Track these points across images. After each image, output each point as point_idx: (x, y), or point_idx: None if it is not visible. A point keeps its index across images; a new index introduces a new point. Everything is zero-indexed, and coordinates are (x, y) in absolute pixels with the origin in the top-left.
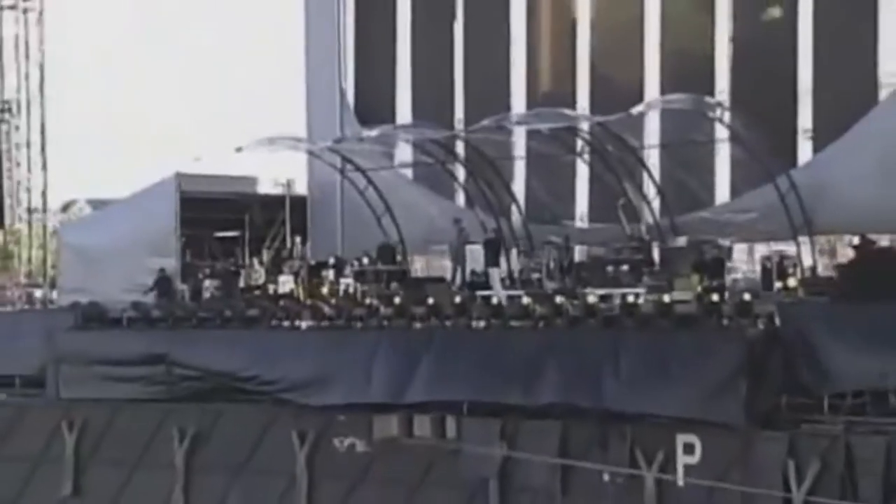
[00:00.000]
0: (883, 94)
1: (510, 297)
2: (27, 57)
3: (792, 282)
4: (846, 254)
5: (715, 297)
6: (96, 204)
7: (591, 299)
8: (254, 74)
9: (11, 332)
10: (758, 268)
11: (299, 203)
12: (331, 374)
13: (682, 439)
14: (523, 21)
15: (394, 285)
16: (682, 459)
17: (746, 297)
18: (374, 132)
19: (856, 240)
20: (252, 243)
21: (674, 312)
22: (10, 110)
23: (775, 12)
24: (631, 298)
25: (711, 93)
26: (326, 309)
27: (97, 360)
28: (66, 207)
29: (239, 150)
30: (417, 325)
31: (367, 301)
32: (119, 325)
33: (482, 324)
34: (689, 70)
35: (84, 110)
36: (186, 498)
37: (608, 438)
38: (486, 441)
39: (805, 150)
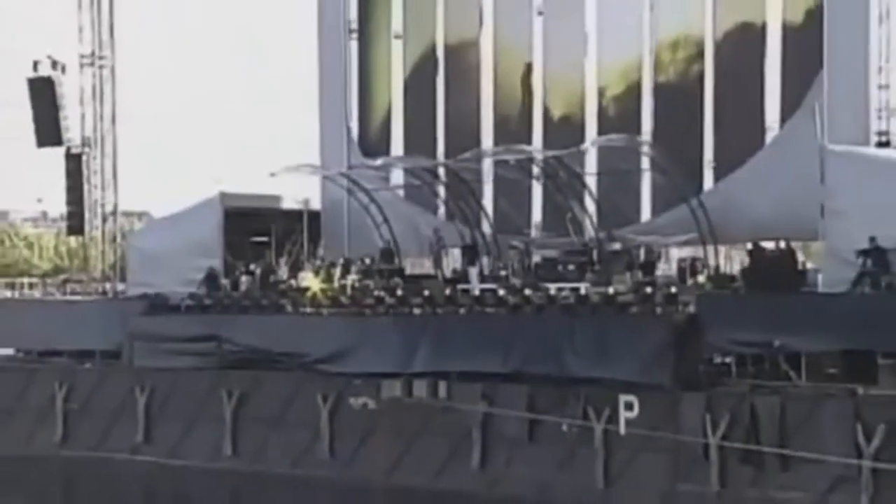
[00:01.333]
0: (768, 136)
1: (484, 290)
2: (102, 101)
3: (701, 278)
4: (742, 257)
5: (648, 290)
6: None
7: (552, 291)
8: (280, 115)
9: (94, 316)
10: (675, 267)
11: (314, 216)
12: (347, 349)
13: (623, 398)
14: (491, 74)
15: (393, 281)
16: (623, 414)
17: (673, 289)
18: (378, 161)
19: (749, 246)
20: (278, 247)
21: (616, 301)
22: (89, 145)
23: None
24: (582, 291)
25: (639, 132)
26: (342, 299)
27: (162, 337)
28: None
29: (273, 175)
30: (416, 311)
31: (376, 293)
32: (178, 311)
33: (465, 310)
34: (620, 114)
35: (147, 142)
36: (234, 446)
37: (566, 398)
38: (470, 400)
39: (709, 179)
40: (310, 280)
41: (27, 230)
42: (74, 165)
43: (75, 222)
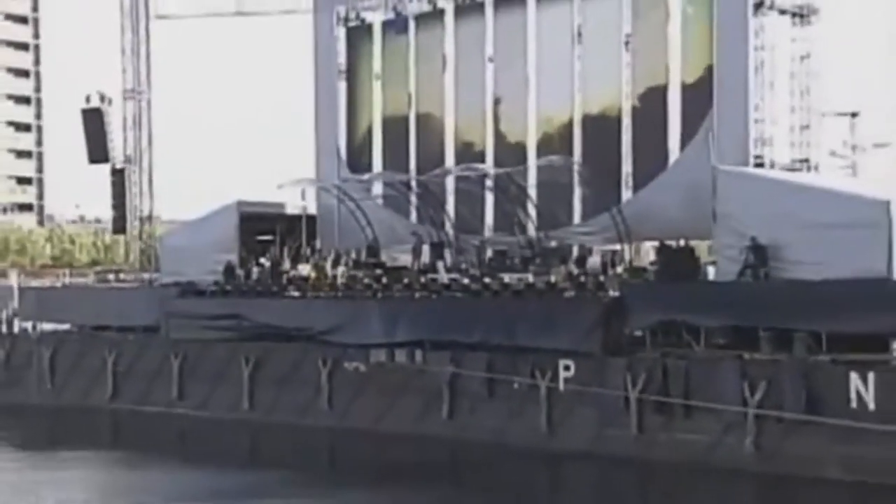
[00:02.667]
0: (671, 159)
1: (450, 279)
2: (140, 127)
3: (619, 269)
4: (651, 253)
5: (581, 279)
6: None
7: (505, 280)
8: (283, 138)
9: (137, 299)
10: (599, 260)
11: (311, 219)
12: (342, 325)
13: (562, 362)
14: (453, 103)
15: (377, 271)
16: (562, 374)
17: (601, 278)
18: (365, 177)
19: (657, 244)
20: (281, 244)
21: (555, 287)
22: (130, 161)
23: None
24: (529, 279)
25: (571, 154)
26: (338, 285)
27: (192, 315)
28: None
29: (280, 186)
30: (396, 295)
31: (365, 281)
32: (204, 295)
33: (436, 294)
34: (558, 141)
35: (177, 159)
36: (250, 401)
37: (517, 362)
38: (441, 364)
39: (627, 192)
40: (308, 270)
41: (69, 230)
42: (118, 179)
43: (119, 224)
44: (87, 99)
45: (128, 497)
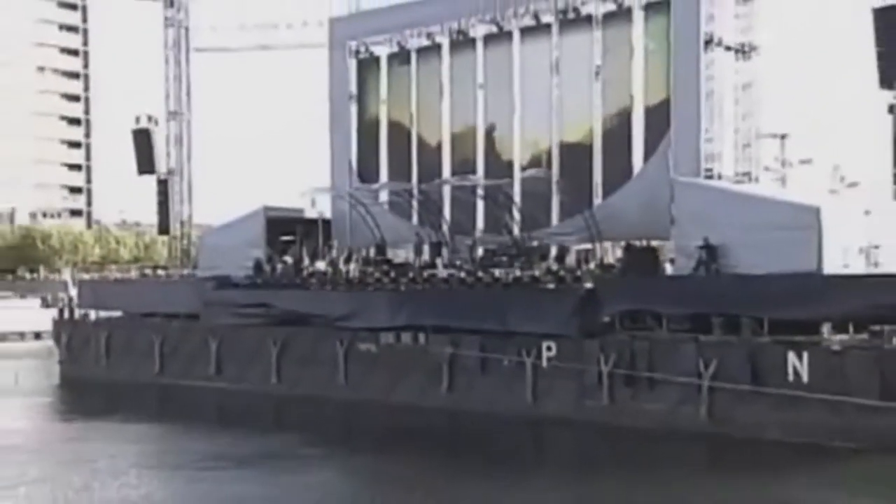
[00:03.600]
0: (635, 171)
1: (448, 274)
2: (181, 144)
3: (592, 265)
4: (618, 251)
5: (561, 273)
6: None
7: (496, 274)
8: (302, 153)
9: (180, 290)
10: (574, 257)
11: (326, 222)
12: (356, 312)
13: (545, 343)
14: (448, 124)
15: (384, 267)
16: (545, 353)
17: (578, 273)
18: (373, 186)
19: (623, 244)
20: (301, 244)
21: (539, 281)
22: (172, 173)
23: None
24: (517, 273)
25: (551, 168)
26: (350, 279)
27: (227, 304)
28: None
29: (302, 194)
30: (401, 287)
31: (376, 275)
32: (237, 286)
33: (436, 287)
34: (541, 157)
35: (212, 171)
36: (278, 376)
37: (506, 344)
38: (441, 345)
39: (597, 199)
40: (324, 266)
41: (114, 232)
42: (162, 188)
43: (163, 226)
44: (137, 120)
45: (172, 456)
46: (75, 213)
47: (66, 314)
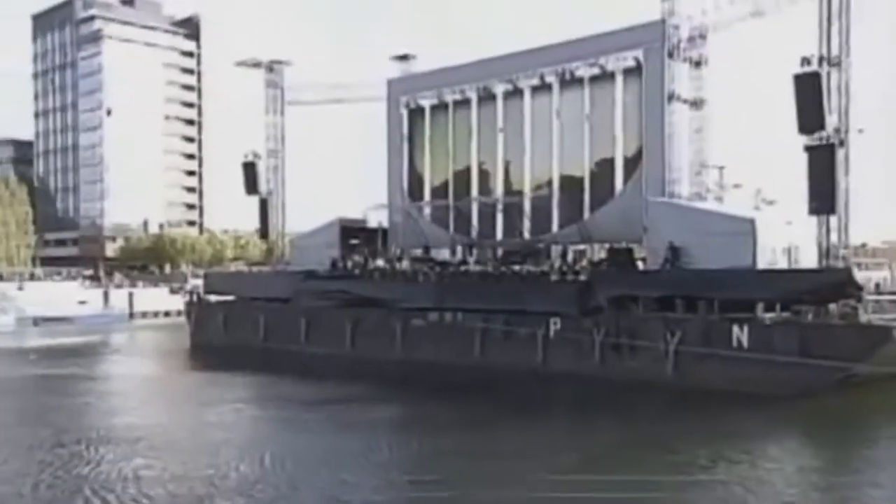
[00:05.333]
0: (617, 189)
1: (479, 269)
2: (277, 172)
3: (584, 263)
4: (603, 252)
5: (564, 268)
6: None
7: (515, 269)
8: (366, 178)
9: (277, 280)
10: (572, 256)
11: (384, 230)
12: (409, 297)
13: (552, 319)
14: (476, 157)
15: (430, 264)
16: (552, 327)
17: (577, 267)
18: (420, 203)
19: (608, 246)
20: (363, 245)
21: (549, 274)
22: (271, 194)
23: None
24: (531, 268)
25: (552, 189)
26: (404, 272)
27: (313, 291)
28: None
29: (367, 209)
30: (443, 279)
31: (423, 270)
32: (321, 278)
33: (470, 279)
34: (543, 182)
35: (299, 192)
36: (352, 344)
37: (524, 319)
38: (474, 322)
39: (587, 212)
40: (383, 263)
41: (221, 237)
42: (264, 205)
43: (263, 233)
44: (245, 155)
45: (271, 400)
46: (191, 223)
47: (194, 298)
